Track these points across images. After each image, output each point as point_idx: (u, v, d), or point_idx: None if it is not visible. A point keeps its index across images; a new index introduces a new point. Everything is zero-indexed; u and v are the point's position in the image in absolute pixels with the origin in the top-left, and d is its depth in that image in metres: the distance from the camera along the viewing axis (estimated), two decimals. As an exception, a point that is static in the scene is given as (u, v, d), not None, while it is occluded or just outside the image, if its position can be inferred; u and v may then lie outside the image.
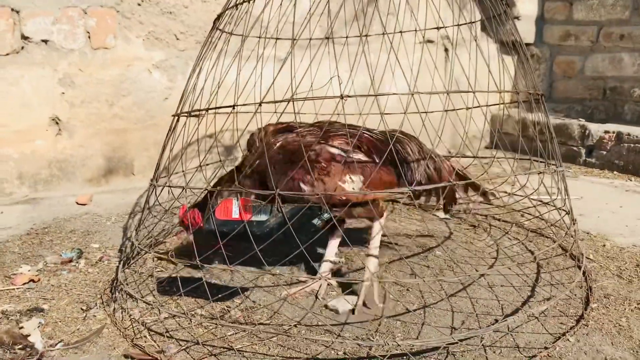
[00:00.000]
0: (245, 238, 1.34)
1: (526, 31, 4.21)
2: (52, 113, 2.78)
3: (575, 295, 1.78)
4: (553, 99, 4.22)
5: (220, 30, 1.77)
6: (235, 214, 1.48)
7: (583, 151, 3.68)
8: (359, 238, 2.10)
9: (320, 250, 1.89)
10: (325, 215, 1.51)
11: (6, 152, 2.70)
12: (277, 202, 1.35)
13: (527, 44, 4.26)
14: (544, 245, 2.23)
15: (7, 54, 2.62)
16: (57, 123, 2.81)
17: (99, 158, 2.96)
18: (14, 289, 1.86)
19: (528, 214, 2.46)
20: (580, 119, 3.83)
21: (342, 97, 1.33)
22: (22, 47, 2.65)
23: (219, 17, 1.77)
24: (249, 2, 1.55)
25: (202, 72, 1.80)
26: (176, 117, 1.76)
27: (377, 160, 1.65)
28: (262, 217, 1.48)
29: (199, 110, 1.56)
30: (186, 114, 1.66)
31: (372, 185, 1.70)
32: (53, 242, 2.28)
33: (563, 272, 1.97)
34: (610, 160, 3.52)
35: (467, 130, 2.31)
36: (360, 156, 1.70)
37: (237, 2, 1.63)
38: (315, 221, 1.53)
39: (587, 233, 2.39)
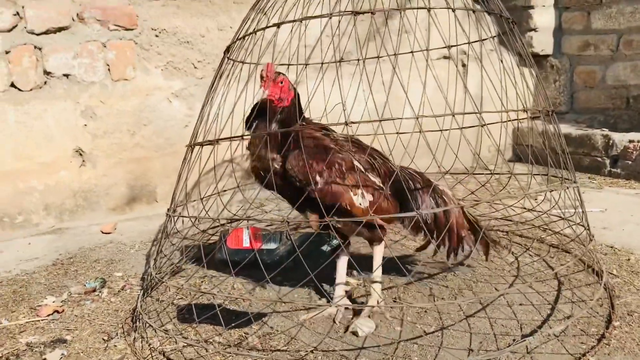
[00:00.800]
0: (256, 267, 1.36)
1: (544, 43, 4.19)
2: (75, 145, 2.86)
3: (597, 313, 1.75)
4: (575, 110, 4.17)
5: (230, 59, 1.80)
6: (245, 243, 1.49)
7: (607, 161, 3.62)
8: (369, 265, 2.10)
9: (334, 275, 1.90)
10: (334, 242, 1.51)
11: (32, 184, 2.78)
12: (287, 227, 1.37)
13: (546, 56, 4.23)
14: (566, 261, 2.19)
15: (31, 89, 2.71)
16: (80, 154, 2.88)
17: (122, 187, 3.02)
18: (39, 320, 1.90)
19: (548, 229, 2.43)
20: (604, 129, 3.78)
21: (346, 123, 1.35)
22: (45, 82, 2.74)
23: (228, 47, 1.81)
24: (255, 34, 1.58)
25: (218, 100, 1.84)
26: (190, 147, 1.79)
27: (386, 190, 1.68)
28: (272, 245, 1.50)
29: (210, 141, 1.59)
30: (199, 144, 1.69)
31: (377, 210, 1.71)
32: (78, 272, 2.33)
33: (585, 288, 1.93)
34: (636, 170, 3.45)
35: (489, 145, 2.30)
36: (376, 180, 1.72)
37: (246, 34, 1.66)
38: (325, 248, 1.53)
39: (611, 247, 2.34)
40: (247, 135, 1.51)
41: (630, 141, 3.50)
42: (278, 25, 1.51)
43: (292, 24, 1.62)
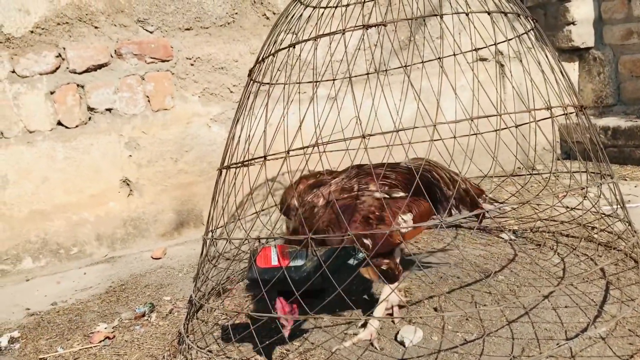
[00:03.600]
0: (285, 284, 1.38)
1: (585, 35, 4.07)
2: (122, 175, 2.96)
3: (648, 311, 1.68)
4: (623, 101, 4.03)
5: (255, 81, 1.85)
6: (274, 261, 1.52)
7: (661, 153, 3.48)
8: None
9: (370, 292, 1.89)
10: (360, 255, 1.52)
11: (83, 216, 2.89)
12: (311, 243, 1.38)
13: (588, 48, 4.11)
14: (615, 259, 2.12)
15: (77, 126, 2.83)
16: (127, 184, 2.99)
17: (170, 212, 3.11)
18: (91, 347, 1.98)
19: (592, 227, 2.35)
20: (655, 119, 3.64)
21: (363, 136, 1.36)
22: (89, 118, 2.86)
23: (251, 70, 1.85)
24: (274, 56, 1.62)
25: (250, 121, 1.88)
26: (220, 171, 1.84)
27: (411, 193, 1.66)
28: (299, 262, 1.52)
29: (235, 164, 1.63)
30: (226, 167, 1.73)
31: (420, 217, 1.71)
32: (129, 298, 2.41)
33: (635, 287, 1.86)
34: (692, 159, 3.31)
35: (534, 144, 2.24)
36: (401, 193, 1.71)
37: (264, 56, 1.70)
38: (351, 261, 1.54)
39: (664, 241, 2.25)
40: (269, 155, 1.54)
41: (683, 129, 3.35)
42: (293, 45, 1.54)
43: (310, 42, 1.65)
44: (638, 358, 1.44)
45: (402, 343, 1.67)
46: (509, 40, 2.38)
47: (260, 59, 1.78)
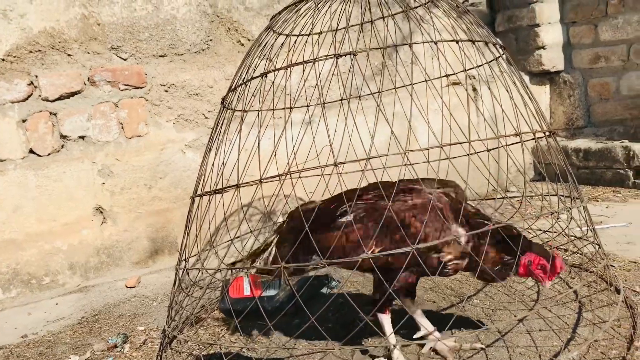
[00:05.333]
0: (258, 314, 1.37)
1: (555, 59, 4.17)
2: (95, 203, 2.93)
3: (619, 333, 1.70)
4: (593, 123, 4.12)
5: (226, 108, 1.85)
6: (246, 291, 1.51)
7: (630, 173, 3.55)
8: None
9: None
10: (333, 284, 1.52)
11: (56, 245, 2.85)
12: (283, 273, 1.36)
13: (558, 72, 4.20)
14: (587, 281, 2.14)
15: (49, 154, 2.80)
16: (100, 212, 2.95)
17: (144, 240, 3.08)
18: (62, 381, 1.93)
19: (565, 249, 2.38)
20: (623, 140, 3.71)
21: (335, 164, 1.37)
22: (62, 146, 2.83)
23: (223, 98, 1.86)
24: (246, 84, 1.62)
25: (224, 148, 1.88)
26: (193, 199, 1.83)
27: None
28: (271, 292, 1.51)
29: (208, 192, 1.63)
30: (199, 195, 1.73)
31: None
32: (102, 329, 2.37)
33: (607, 309, 1.88)
34: (661, 180, 3.38)
35: (507, 167, 2.27)
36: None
37: (237, 85, 1.71)
38: (324, 290, 1.54)
39: (635, 262, 2.28)
40: (242, 184, 1.54)
41: (652, 150, 3.43)
42: (265, 74, 1.54)
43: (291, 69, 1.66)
44: (611, 381, 1.45)
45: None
46: (479, 66, 2.42)
47: (233, 87, 1.79)
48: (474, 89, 4.04)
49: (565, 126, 4.20)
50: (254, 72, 1.81)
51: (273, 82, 1.86)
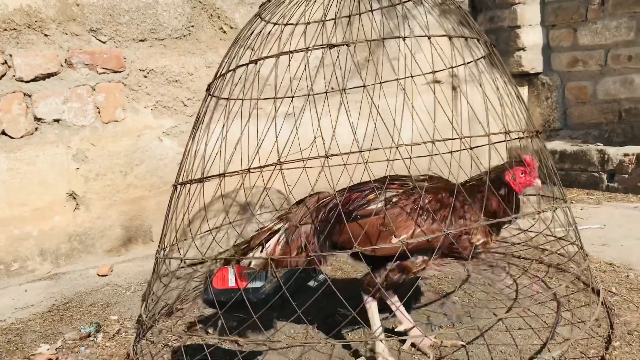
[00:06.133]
0: (243, 306, 1.34)
1: (534, 61, 4.21)
2: (69, 188, 2.85)
3: (597, 333, 1.72)
4: (569, 126, 4.17)
5: (212, 95, 1.81)
6: (231, 283, 1.48)
7: (604, 176, 3.60)
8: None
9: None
10: (321, 277, 1.50)
11: (26, 230, 2.77)
12: (271, 264, 1.34)
13: (537, 74, 4.24)
14: (565, 281, 2.16)
15: (22, 136, 2.71)
16: (74, 198, 2.88)
17: (117, 228, 3.01)
18: (32, 370, 1.87)
19: (545, 249, 2.40)
20: (598, 144, 3.77)
21: (326, 156, 1.34)
22: (36, 128, 2.75)
23: (209, 85, 1.82)
24: (234, 72, 1.59)
25: (203, 138, 1.84)
26: (175, 187, 1.79)
27: None
28: (257, 284, 1.48)
29: (191, 180, 1.59)
30: (182, 184, 1.69)
31: None
32: (73, 318, 2.31)
33: (584, 309, 1.90)
34: (634, 184, 3.43)
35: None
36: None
37: (223, 72, 1.67)
38: (311, 283, 1.51)
39: (610, 264, 2.32)
40: (228, 174, 1.50)
41: (625, 155, 3.49)
42: (255, 61, 1.51)
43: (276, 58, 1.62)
44: (590, 381, 1.46)
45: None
46: (467, 63, 2.42)
47: (219, 74, 1.75)
48: (454, 88, 4.05)
49: (541, 128, 4.25)
50: (240, 60, 1.77)
51: (258, 72, 1.83)
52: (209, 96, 1.81)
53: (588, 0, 3.90)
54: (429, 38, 1.46)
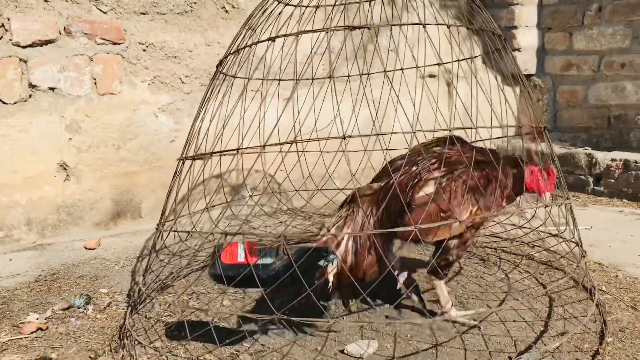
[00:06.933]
0: (252, 282, 1.34)
1: (528, 62, 4.25)
2: (60, 159, 2.81)
3: (590, 329, 1.75)
4: (559, 129, 4.23)
5: (223, 73, 1.79)
6: (240, 258, 1.47)
7: (591, 180, 3.66)
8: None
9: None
10: (332, 257, 1.50)
11: (14, 198, 2.72)
12: (283, 242, 1.34)
13: (529, 75, 4.29)
14: (556, 278, 2.20)
15: (16, 102, 2.66)
16: (65, 168, 2.83)
17: (107, 201, 2.98)
18: (21, 338, 1.84)
19: (538, 246, 2.44)
20: (587, 148, 3.83)
21: (344, 137, 1.34)
22: (30, 95, 2.69)
23: (221, 61, 1.80)
24: (251, 47, 1.57)
25: (207, 115, 1.83)
26: (181, 161, 1.77)
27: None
28: (268, 260, 1.48)
29: (204, 154, 1.57)
30: (191, 158, 1.67)
31: None
32: (61, 289, 2.28)
33: (576, 305, 1.94)
34: (619, 189, 3.50)
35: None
36: None
37: (239, 47, 1.65)
38: (322, 262, 1.52)
39: (599, 264, 2.36)
40: (244, 148, 1.49)
41: (613, 160, 3.55)
42: (273, 39, 1.50)
43: (285, 39, 1.62)
44: (585, 374, 1.49)
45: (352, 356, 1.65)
46: (474, 57, 2.44)
47: (233, 50, 1.73)
48: (448, 84, 4.08)
49: (528, 131, 4.29)
50: (249, 40, 1.76)
51: (265, 54, 1.82)
52: (220, 73, 1.79)
53: (586, 5, 3.94)
54: (448, 27, 1.47)
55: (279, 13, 1.88)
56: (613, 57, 3.86)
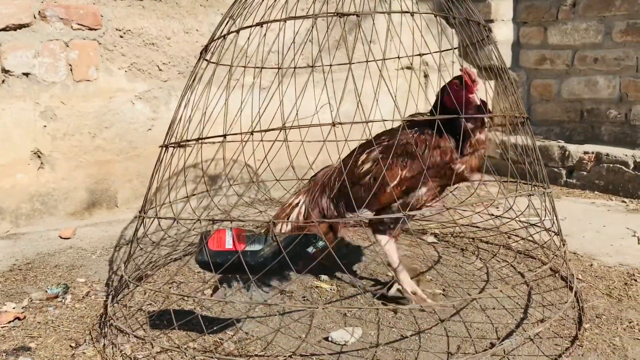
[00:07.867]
0: (239, 269, 1.33)
1: (503, 56, 4.28)
2: (34, 146, 2.75)
3: (568, 315, 1.79)
4: (532, 122, 4.29)
5: (207, 60, 1.77)
6: (228, 245, 1.46)
7: (564, 172, 3.73)
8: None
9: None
10: (320, 243, 1.50)
11: (-13, 187, 2.65)
12: (272, 228, 1.34)
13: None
14: (533, 267, 2.24)
15: (-12, 88, 2.59)
16: (39, 157, 2.77)
17: (82, 191, 2.92)
18: (-1, 327, 1.81)
19: (516, 235, 2.48)
20: (560, 141, 3.89)
21: (333, 124, 1.34)
22: (3, 81, 2.63)
23: (205, 47, 1.78)
24: (238, 33, 1.56)
25: (190, 102, 1.80)
26: (164, 148, 1.75)
27: None
28: (256, 247, 1.47)
29: (188, 140, 1.56)
30: (174, 145, 1.65)
31: None
32: (37, 278, 2.24)
33: (554, 292, 1.98)
34: (591, 181, 3.57)
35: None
36: None
37: (224, 34, 1.64)
38: (310, 249, 1.52)
39: (574, 253, 2.41)
40: (229, 135, 1.48)
41: (585, 152, 3.62)
42: (261, 24, 1.49)
43: (268, 25, 1.61)
44: (565, 358, 1.52)
45: (336, 342, 1.66)
46: (455, 48, 2.45)
47: (217, 36, 1.71)
48: (425, 75, 4.10)
49: (509, 121, 4.35)
50: (232, 27, 1.74)
51: (248, 40, 1.80)
52: (203, 60, 1.77)
53: (560, 0, 4.00)
54: (436, 17, 1.48)
55: (261, 1, 1.87)
56: (586, 52, 3.93)
